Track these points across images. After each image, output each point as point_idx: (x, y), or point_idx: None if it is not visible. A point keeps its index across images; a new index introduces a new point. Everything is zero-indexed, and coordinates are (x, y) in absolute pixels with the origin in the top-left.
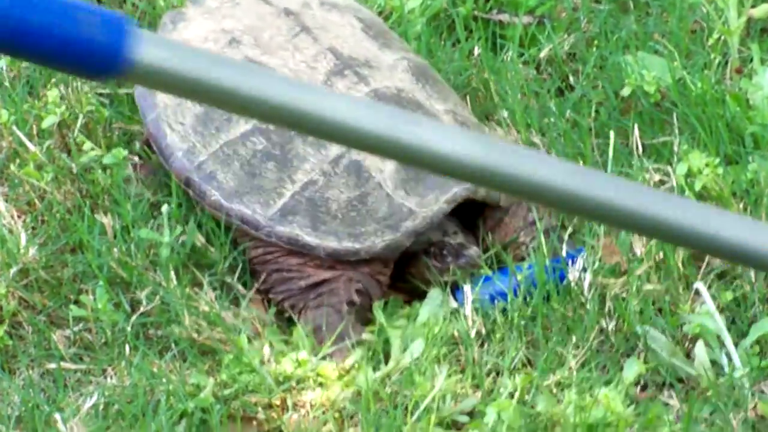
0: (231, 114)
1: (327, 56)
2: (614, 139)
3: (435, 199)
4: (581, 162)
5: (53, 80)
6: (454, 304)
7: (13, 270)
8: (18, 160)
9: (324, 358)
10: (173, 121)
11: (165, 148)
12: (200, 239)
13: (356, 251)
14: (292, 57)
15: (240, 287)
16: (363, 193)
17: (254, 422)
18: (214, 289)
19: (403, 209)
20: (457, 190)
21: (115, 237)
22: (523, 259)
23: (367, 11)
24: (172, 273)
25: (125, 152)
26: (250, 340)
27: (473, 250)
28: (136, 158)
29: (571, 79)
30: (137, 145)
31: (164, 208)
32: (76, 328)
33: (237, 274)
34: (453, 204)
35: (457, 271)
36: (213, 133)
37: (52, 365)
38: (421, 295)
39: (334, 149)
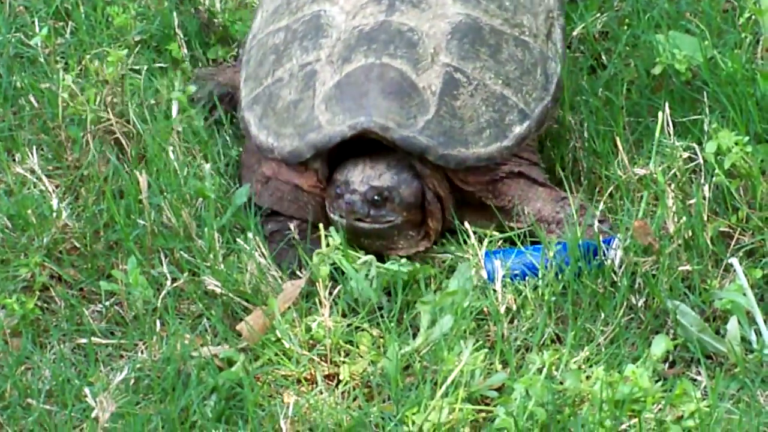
0: None
1: None
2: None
3: (342, 121)
4: (617, 140)
5: (88, 56)
6: (483, 276)
7: (46, 239)
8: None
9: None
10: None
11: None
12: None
13: (272, 149)
14: None
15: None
16: (300, 98)
17: (284, 396)
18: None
19: (314, 122)
20: (363, 119)
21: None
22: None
23: None
24: (216, 233)
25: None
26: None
27: (350, 199)
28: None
29: (603, 57)
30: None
31: (206, 166)
32: (107, 303)
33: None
34: (354, 131)
35: (488, 241)
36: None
37: (83, 340)
38: (452, 270)
39: (312, 56)
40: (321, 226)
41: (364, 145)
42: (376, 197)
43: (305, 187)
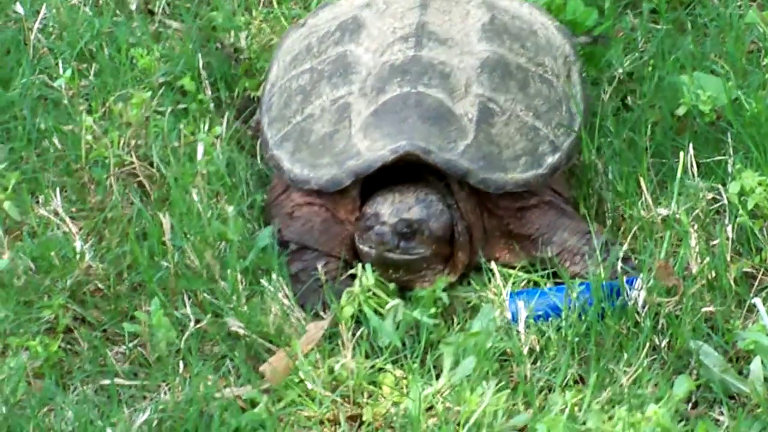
0: None
1: (413, 26)
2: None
3: (382, 146)
4: (641, 180)
5: (112, 98)
6: (508, 316)
7: (69, 281)
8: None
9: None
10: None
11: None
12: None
13: (308, 180)
14: (391, 22)
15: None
16: (335, 130)
17: None
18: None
19: (353, 149)
20: (404, 143)
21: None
22: (575, 276)
23: (534, 19)
24: (239, 275)
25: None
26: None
27: (380, 230)
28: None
29: (629, 98)
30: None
31: (229, 209)
32: (131, 344)
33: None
34: (396, 155)
35: (511, 280)
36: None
37: (106, 381)
38: (475, 309)
39: (343, 90)
40: (358, 266)
41: (395, 178)
42: (405, 229)
43: (341, 215)
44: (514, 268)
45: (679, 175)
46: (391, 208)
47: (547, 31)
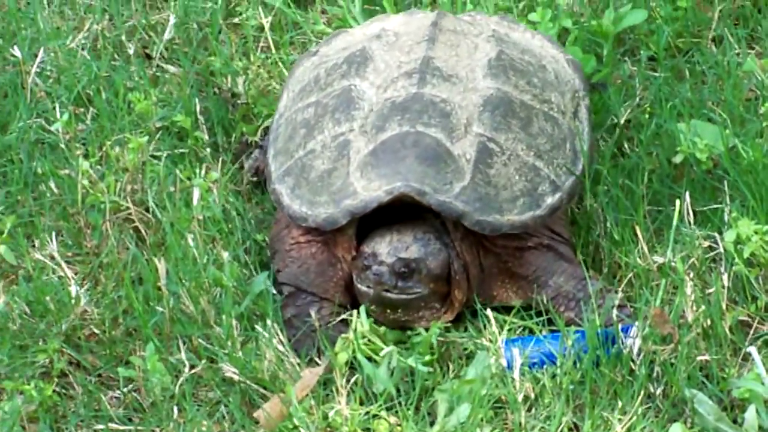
0: None
1: (418, 62)
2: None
3: (378, 187)
4: (636, 229)
5: (108, 142)
6: (503, 363)
7: (65, 325)
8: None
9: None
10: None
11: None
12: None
13: (305, 217)
14: (398, 56)
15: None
16: (334, 167)
17: None
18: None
19: (350, 188)
20: (400, 185)
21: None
22: (569, 322)
23: (544, 53)
24: (234, 321)
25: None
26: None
27: (378, 270)
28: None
29: (626, 145)
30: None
31: (225, 254)
32: (125, 389)
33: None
34: (391, 196)
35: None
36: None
37: (101, 426)
38: (470, 356)
39: (344, 127)
40: (354, 312)
41: (392, 216)
42: (403, 269)
43: (338, 252)
44: (509, 312)
45: (675, 222)
46: (388, 248)
47: (557, 65)
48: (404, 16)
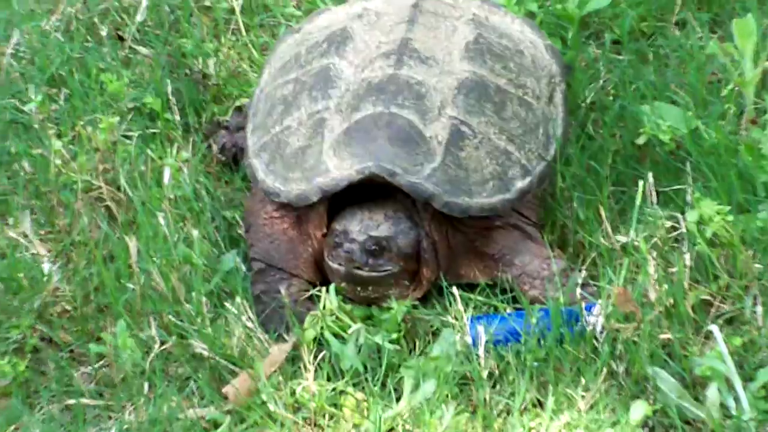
0: None
1: (397, 43)
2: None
3: (349, 166)
4: (600, 208)
5: (81, 122)
6: (468, 341)
7: (37, 302)
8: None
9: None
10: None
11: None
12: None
13: (278, 193)
14: (378, 36)
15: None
16: (308, 144)
17: None
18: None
19: (322, 166)
20: (371, 164)
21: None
22: (533, 299)
23: (522, 37)
24: (204, 298)
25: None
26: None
27: (350, 247)
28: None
29: (591, 127)
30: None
31: (195, 232)
32: (97, 365)
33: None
34: (362, 175)
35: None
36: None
37: (72, 401)
38: (437, 333)
39: (321, 105)
40: (325, 289)
41: (363, 195)
42: (374, 247)
43: (309, 229)
44: (475, 290)
45: (638, 203)
46: (359, 226)
47: (535, 50)
48: None
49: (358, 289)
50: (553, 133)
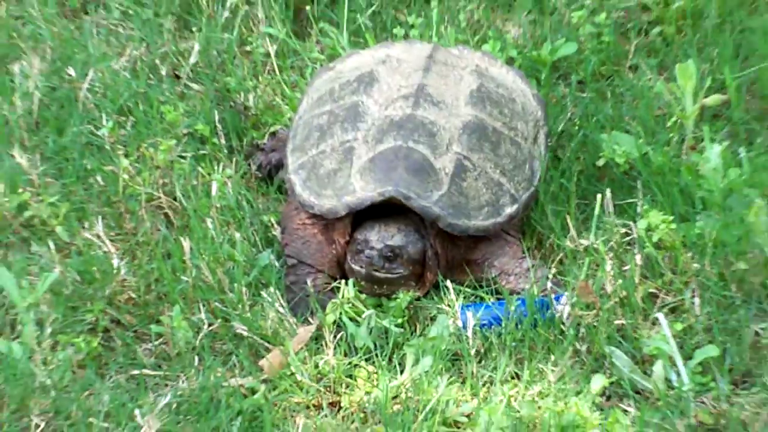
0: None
1: (414, 87)
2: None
3: (373, 189)
4: (567, 218)
5: (144, 145)
6: (459, 324)
7: (108, 291)
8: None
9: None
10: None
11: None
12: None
13: (312, 206)
14: (399, 80)
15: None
16: (339, 168)
17: (296, 419)
18: (272, 303)
19: (350, 187)
20: (391, 189)
21: (192, 259)
22: (512, 292)
23: (515, 87)
24: (244, 288)
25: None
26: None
27: (370, 253)
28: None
29: (559, 152)
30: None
31: (237, 234)
32: (156, 342)
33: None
34: (383, 197)
35: (463, 296)
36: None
37: (136, 372)
38: (434, 318)
39: (351, 135)
40: (344, 281)
41: (380, 211)
42: (389, 253)
43: (334, 239)
44: (463, 284)
45: (597, 213)
46: (377, 236)
47: (524, 98)
48: (405, 44)
49: (375, 287)
50: (537, 168)
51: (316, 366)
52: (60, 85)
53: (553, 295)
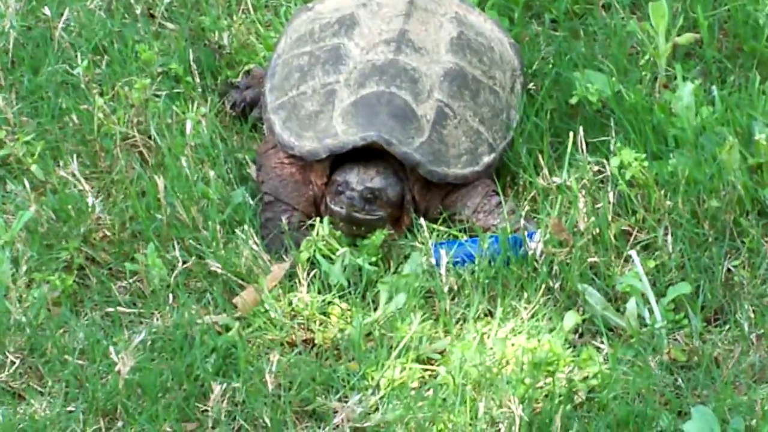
0: None
1: (396, 32)
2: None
3: (354, 133)
4: (540, 156)
5: (119, 83)
6: (432, 262)
7: (83, 228)
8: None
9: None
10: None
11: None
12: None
13: (292, 147)
14: (380, 24)
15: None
16: (320, 110)
17: (270, 356)
18: (246, 241)
19: (332, 130)
20: (373, 134)
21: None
22: (486, 230)
23: (493, 36)
24: (218, 225)
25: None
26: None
27: (351, 194)
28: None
29: (532, 90)
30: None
31: (211, 172)
32: (131, 280)
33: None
34: (365, 142)
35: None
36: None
37: (111, 309)
38: (407, 256)
39: (332, 78)
40: (319, 219)
41: (361, 155)
42: (369, 195)
43: (312, 180)
44: (437, 222)
45: (569, 150)
46: (357, 178)
47: (502, 47)
48: None
49: (354, 228)
50: (513, 118)
51: (290, 303)
52: (35, 25)
53: (526, 233)
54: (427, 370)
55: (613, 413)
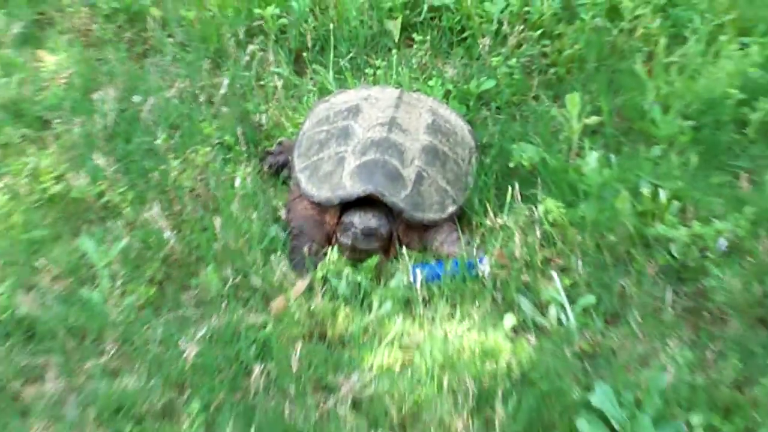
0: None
1: (389, 118)
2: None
3: (358, 187)
4: (487, 204)
5: (188, 151)
6: (411, 279)
7: (161, 253)
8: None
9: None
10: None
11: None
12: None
13: (314, 196)
14: (377, 112)
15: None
16: (334, 171)
17: (295, 346)
18: (278, 264)
19: (342, 184)
20: (371, 187)
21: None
22: (448, 255)
23: (456, 124)
24: (258, 252)
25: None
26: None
27: (355, 231)
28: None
29: (483, 158)
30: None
31: (254, 215)
32: (195, 291)
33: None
34: (365, 193)
35: (413, 260)
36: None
37: (180, 312)
38: (393, 275)
39: (342, 148)
40: (330, 248)
41: (361, 202)
42: (368, 232)
43: (326, 220)
44: (414, 251)
45: (509, 200)
46: (360, 219)
47: (463, 132)
48: (380, 88)
49: (356, 254)
50: (469, 182)
51: (309, 308)
52: (127, 108)
53: (477, 258)
54: (406, 356)
55: (539, 388)
